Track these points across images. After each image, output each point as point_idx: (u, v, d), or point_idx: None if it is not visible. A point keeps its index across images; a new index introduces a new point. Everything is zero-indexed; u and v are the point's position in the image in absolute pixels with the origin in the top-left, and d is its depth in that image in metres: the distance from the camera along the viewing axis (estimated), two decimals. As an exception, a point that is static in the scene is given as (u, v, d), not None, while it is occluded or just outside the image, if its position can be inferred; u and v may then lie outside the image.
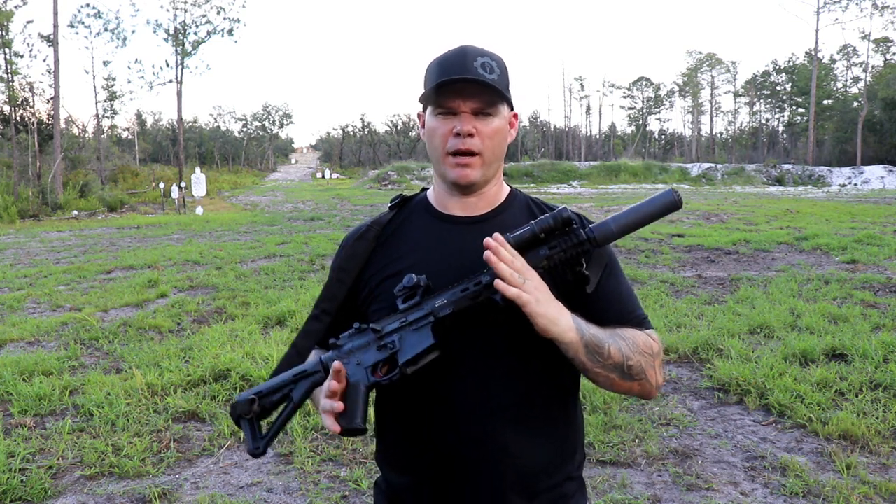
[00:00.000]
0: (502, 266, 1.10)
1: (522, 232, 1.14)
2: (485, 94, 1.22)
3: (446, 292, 1.18)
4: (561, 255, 1.16)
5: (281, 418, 1.24)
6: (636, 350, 1.20)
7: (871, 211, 16.98)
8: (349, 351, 1.22)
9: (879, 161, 40.18)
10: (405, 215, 1.37)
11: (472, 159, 1.24)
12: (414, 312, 1.19)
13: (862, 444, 3.56)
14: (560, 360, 1.20)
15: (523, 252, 1.15)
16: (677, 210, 1.14)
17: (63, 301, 7.57)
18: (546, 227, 1.14)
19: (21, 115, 27.85)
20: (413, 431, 1.28)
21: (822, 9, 47.09)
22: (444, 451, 1.25)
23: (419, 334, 1.16)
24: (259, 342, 5.43)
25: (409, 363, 1.15)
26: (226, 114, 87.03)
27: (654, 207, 1.14)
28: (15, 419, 4.07)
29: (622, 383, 1.20)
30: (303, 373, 1.24)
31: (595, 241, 1.16)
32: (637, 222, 1.15)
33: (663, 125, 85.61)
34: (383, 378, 1.18)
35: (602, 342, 1.16)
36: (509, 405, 1.24)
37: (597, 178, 36.88)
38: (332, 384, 1.15)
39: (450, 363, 1.21)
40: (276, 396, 1.25)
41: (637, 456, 3.51)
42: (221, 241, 13.19)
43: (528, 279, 1.11)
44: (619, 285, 1.30)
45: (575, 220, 1.18)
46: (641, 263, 9.38)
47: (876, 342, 4.96)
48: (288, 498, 3.19)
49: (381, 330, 1.20)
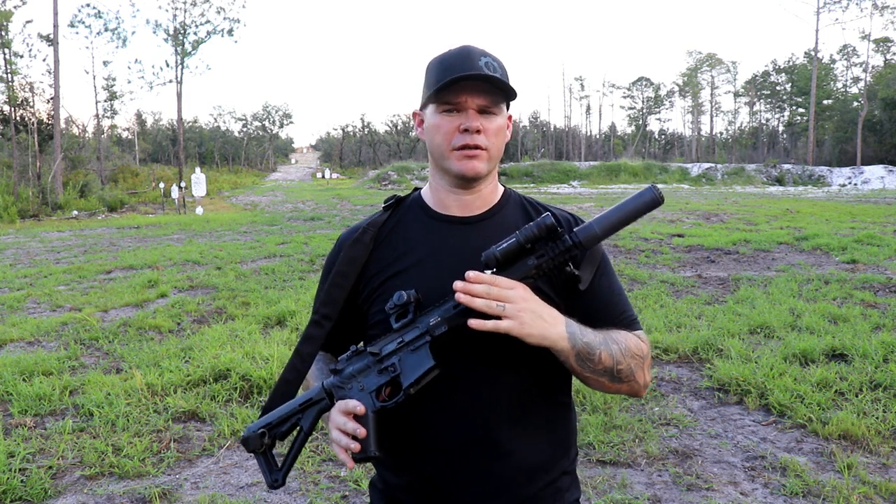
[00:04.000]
0: (476, 301, 1.11)
1: (508, 245, 1.14)
2: (491, 92, 1.23)
3: (439, 308, 1.18)
4: (549, 262, 1.16)
5: (295, 448, 1.27)
6: (627, 354, 1.22)
7: (871, 211, 16.97)
8: (350, 375, 1.23)
9: (879, 161, 40.17)
10: (400, 215, 1.37)
11: (480, 152, 1.25)
12: (409, 331, 1.19)
13: (862, 444, 3.56)
14: (554, 361, 1.21)
15: (511, 264, 1.16)
16: (659, 206, 1.15)
17: (63, 301, 7.56)
18: (531, 236, 1.14)
19: (21, 115, 27.84)
20: (409, 431, 1.28)
21: (822, 9, 47.11)
22: (441, 450, 1.25)
23: (418, 355, 1.17)
24: (259, 342, 5.43)
25: (413, 385, 1.17)
26: (226, 114, 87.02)
27: (636, 206, 1.15)
28: (15, 419, 4.07)
29: (611, 385, 1.23)
30: (309, 401, 1.26)
31: (581, 244, 1.16)
32: (620, 222, 1.16)
33: (663, 125, 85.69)
34: (388, 402, 1.19)
35: (593, 349, 1.17)
36: (505, 404, 1.25)
37: (597, 179, 36.88)
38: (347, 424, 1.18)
39: (444, 385, 1.22)
40: (285, 427, 1.27)
41: (637, 456, 3.51)
42: (221, 241, 13.19)
43: (512, 300, 1.11)
44: (611, 285, 1.31)
45: (561, 223, 1.18)
46: (641, 263, 9.38)
47: (876, 342, 4.95)
48: (288, 498, 3.19)
49: (379, 353, 1.21)
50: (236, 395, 4.36)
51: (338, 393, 1.23)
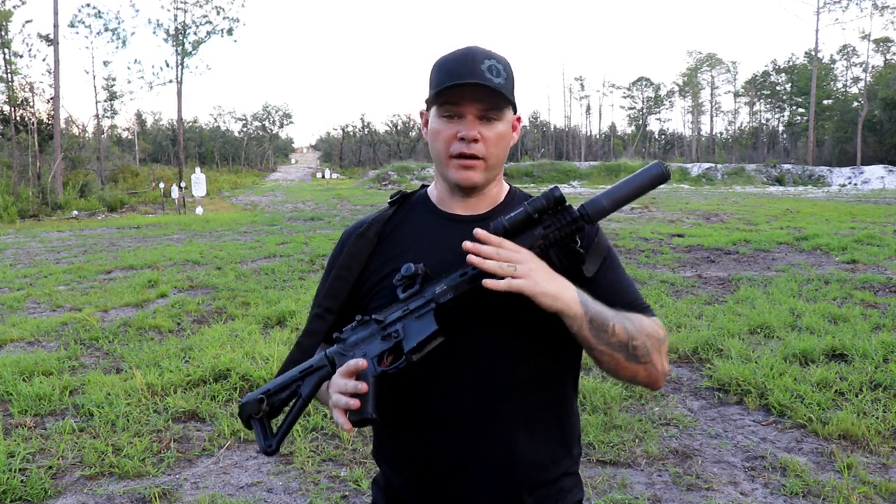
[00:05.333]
0: (487, 263, 1.10)
1: (516, 214, 1.15)
2: (490, 99, 1.21)
3: (446, 278, 1.19)
4: (556, 233, 1.17)
5: (291, 414, 1.25)
6: (642, 331, 1.19)
7: (871, 211, 16.97)
8: (354, 343, 1.22)
9: (879, 161, 40.15)
10: (405, 212, 1.37)
11: (476, 162, 1.24)
12: (415, 300, 1.19)
13: (862, 444, 3.56)
14: (561, 353, 1.20)
15: (519, 233, 1.16)
16: (665, 182, 1.15)
17: (63, 301, 7.56)
18: (539, 206, 1.15)
19: (21, 115, 27.83)
20: (411, 428, 1.28)
21: (822, 9, 47.11)
22: (444, 447, 1.25)
23: (422, 322, 1.17)
24: (259, 342, 5.43)
25: (415, 350, 1.16)
26: (226, 114, 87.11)
27: (643, 180, 1.15)
28: (15, 419, 4.07)
29: (628, 365, 1.18)
30: (309, 368, 1.25)
31: (588, 216, 1.16)
32: (627, 196, 1.16)
33: (663, 125, 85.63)
34: (390, 367, 1.18)
35: (607, 319, 1.16)
36: (509, 401, 1.24)
37: (597, 178, 36.91)
38: (347, 381, 1.16)
39: (450, 361, 1.22)
40: (284, 394, 1.26)
41: (637, 456, 3.51)
42: (221, 241, 13.19)
43: (521, 262, 1.11)
44: (620, 277, 1.30)
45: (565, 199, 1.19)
46: (641, 263, 9.38)
47: (876, 342, 4.95)
48: (288, 498, 3.19)
49: (383, 320, 1.21)
50: (236, 395, 4.36)
51: (339, 360, 1.22)
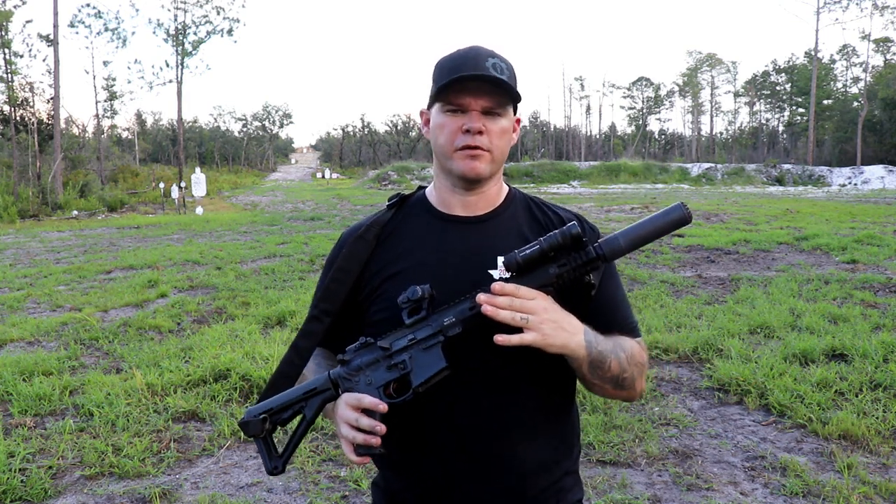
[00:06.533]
0: (501, 313, 1.11)
1: (531, 251, 1.13)
2: (496, 94, 1.22)
3: (454, 308, 1.16)
4: (570, 273, 1.15)
5: (296, 436, 1.24)
6: (632, 362, 1.24)
7: (871, 211, 16.97)
8: (358, 367, 1.20)
9: (879, 161, 40.14)
10: (404, 214, 1.36)
11: (482, 153, 1.24)
12: (422, 329, 1.17)
13: (862, 444, 3.56)
14: (562, 363, 1.20)
15: (532, 270, 1.14)
16: (686, 225, 1.13)
17: (63, 301, 7.57)
18: (555, 244, 1.12)
19: (21, 115, 27.82)
20: (413, 431, 1.27)
21: (822, 9, 47.09)
22: (445, 450, 1.25)
23: (430, 355, 1.15)
24: (259, 342, 5.43)
25: (422, 385, 1.15)
26: (226, 114, 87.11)
27: (664, 223, 1.13)
28: (15, 419, 4.07)
29: (613, 392, 1.25)
30: (314, 390, 1.23)
31: (604, 257, 1.15)
32: (646, 237, 1.14)
33: (663, 125, 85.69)
34: (397, 399, 1.17)
35: (605, 357, 1.19)
36: (510, 405, 1.25)
37: (597, 178, 36.87)
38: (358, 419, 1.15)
39: (455, 365, 1.21)
40: (286, 414, 1.25)
41: (637, 456, 3.51)
42: (221, 241, 13.19)
43: (533, 312, 1.11)
44: (617, 290, 1.33)
45: (586, 233, 1.18)
46: (641, 263, 9.38)
47: (876, 342, 4.95)
48: (288, 498, 3.19)
49: (389, 348, 1.18)
50: (236, 395, 4.36)
51: (343, 384, 1.20)
